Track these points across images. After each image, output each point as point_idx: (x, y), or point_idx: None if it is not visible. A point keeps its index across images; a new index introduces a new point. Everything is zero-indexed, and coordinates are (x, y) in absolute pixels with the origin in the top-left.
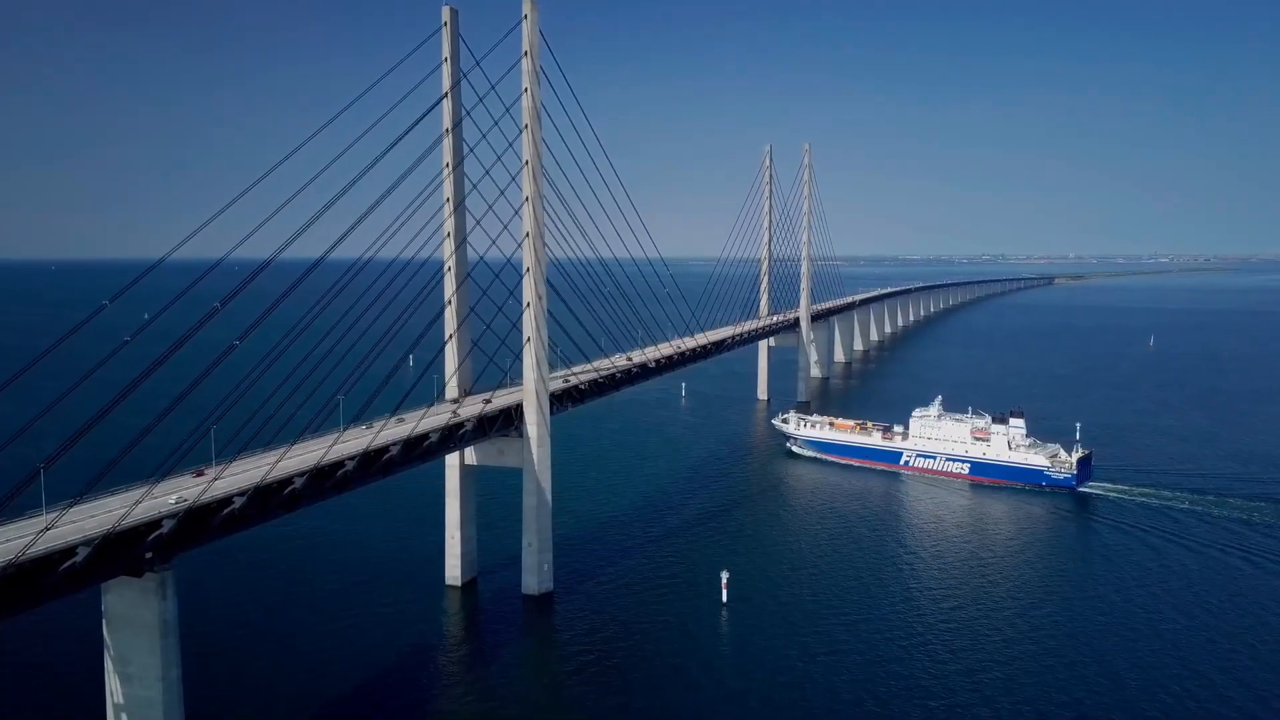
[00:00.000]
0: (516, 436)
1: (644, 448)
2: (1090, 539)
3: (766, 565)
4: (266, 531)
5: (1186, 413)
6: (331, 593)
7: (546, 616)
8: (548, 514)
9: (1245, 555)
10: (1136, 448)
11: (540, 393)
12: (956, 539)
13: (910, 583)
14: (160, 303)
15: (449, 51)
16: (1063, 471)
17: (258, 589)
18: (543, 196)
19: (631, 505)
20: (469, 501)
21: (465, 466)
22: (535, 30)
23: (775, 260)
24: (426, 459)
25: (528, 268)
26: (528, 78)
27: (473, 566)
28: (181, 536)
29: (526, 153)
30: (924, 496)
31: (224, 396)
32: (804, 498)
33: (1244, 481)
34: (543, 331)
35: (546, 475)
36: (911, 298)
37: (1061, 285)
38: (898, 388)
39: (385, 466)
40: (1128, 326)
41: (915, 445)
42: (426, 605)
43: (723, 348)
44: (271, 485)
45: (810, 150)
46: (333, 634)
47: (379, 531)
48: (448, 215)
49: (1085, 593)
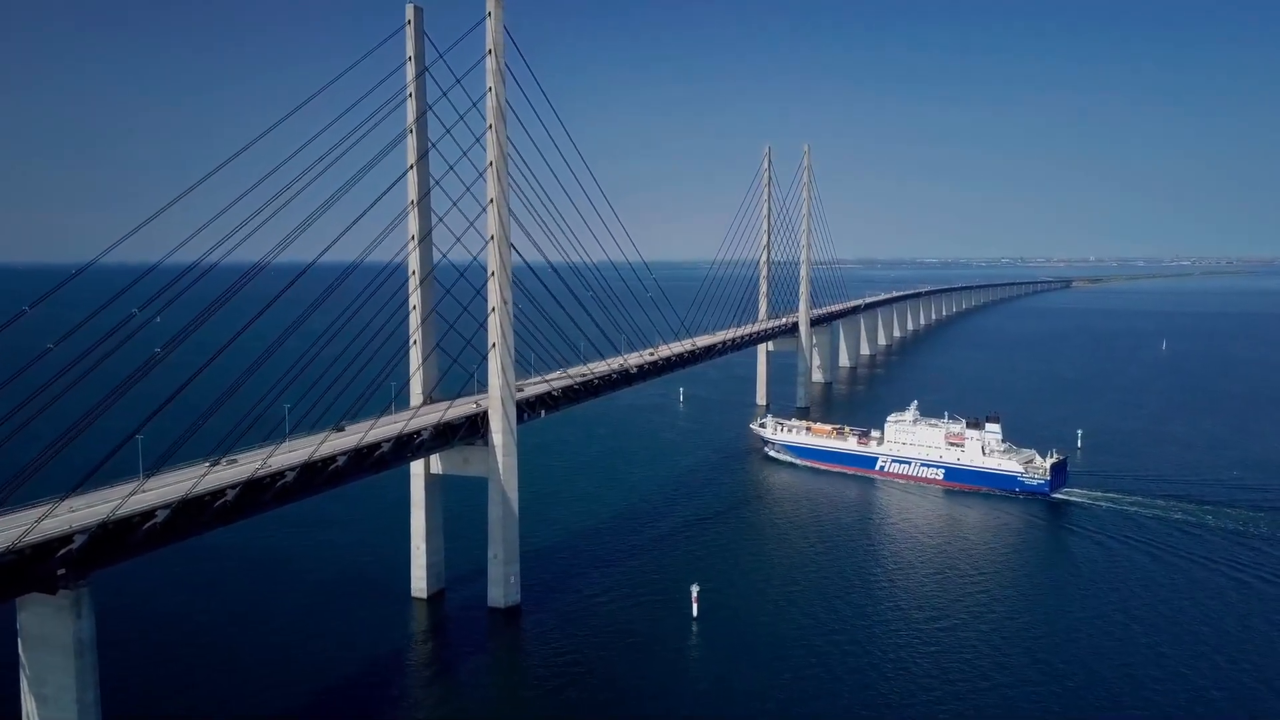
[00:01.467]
0: (482, 445)
1: (631, 454)
2: (1058, 547)
3: (738, 577)
4: (222, 541)
5: (1191, 418)
6: (291, 605)
7: (512, 630)
8: (514, 525)
9: (1207, 562)
10: (1129, 454)
11: (506, 400)
12: (928, 549)
13: (880, 596)
14: (92, 307)
15: (413, 51)
16: (1036, 478)
17: (211, 601)
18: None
19: (608, 514)
20: (435, 511)
21: (431, 476)
22: (500, 28)
23: (776, 263)
24: (380, 469)
25: (492, 271)
26: (492, 77)
27: (440, 578)
28: (97, 552)
29: (491, 153)
30: (897, 503)
31: (160, 403)
32: (779, 505)
33: (1239, 490)
34: (508, 337)
35: (513, 485)
36: (921, 301)
37: (1079, 288)
38: (900, 393)
39: (332, 477)
40: (1141, 330)
41: (890, 450)
42: (390, 618)
43: (713, 353)
44: (202, 498)
45: (810, 151)
46: (290, 649)
47: (344, 541)
48: (411, 217)
49: (1049, 605)
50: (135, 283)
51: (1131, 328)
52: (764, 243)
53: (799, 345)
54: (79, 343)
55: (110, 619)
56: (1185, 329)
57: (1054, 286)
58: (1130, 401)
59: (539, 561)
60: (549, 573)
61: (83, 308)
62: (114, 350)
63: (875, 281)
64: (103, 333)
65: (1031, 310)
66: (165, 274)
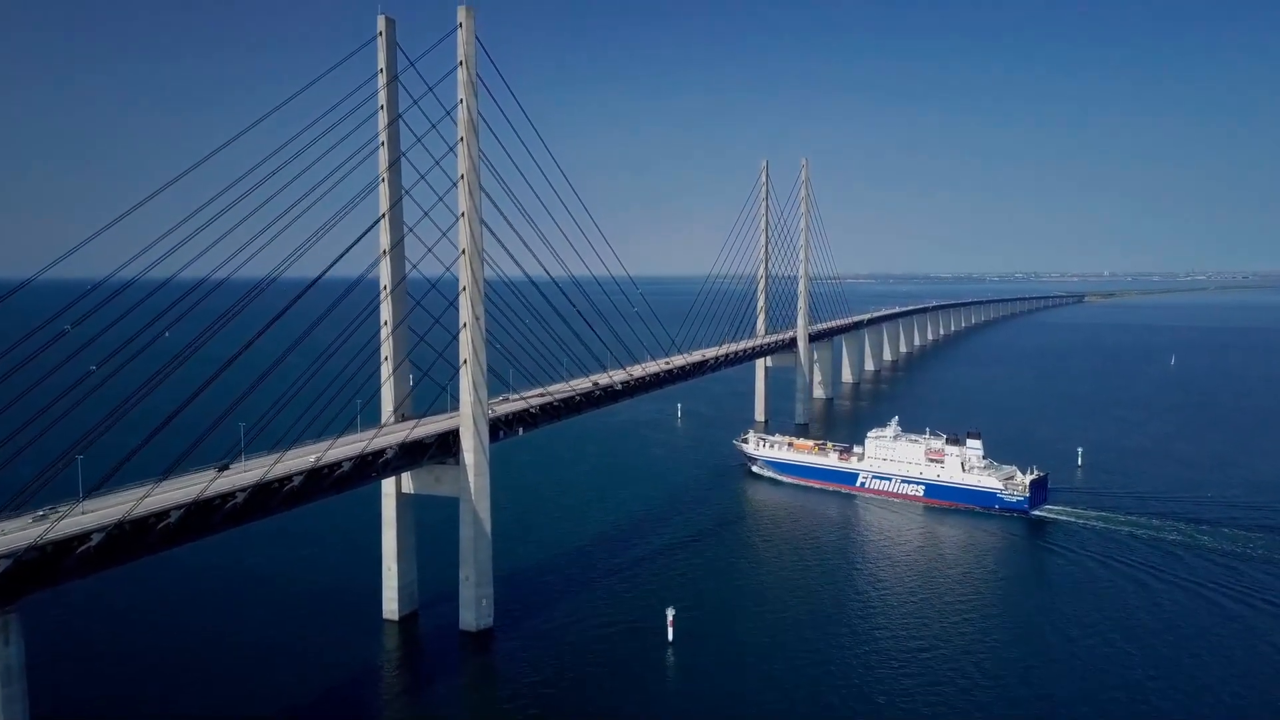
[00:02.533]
0: (454, 464)
1: (620, 471)
2: (1034, 568)
3: (715, 600)
4: (190, 558)
5: (1197, 436)
6: (259, 626)
7: (484, 654)
8: (487, 546)
9: (1190, 584)
10: (1130, 472)
11: (478, 417)
12: (904, 569)
13: (856, 619)
14: (34, 322)
15: (385, 62)
16: (1015, 495)
17: (176, 621)
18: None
19: (591, 533)
20: (407, 531)
21: (402, 495)
22: (471, 39)
23: (775, 279)
24: (341, 489)
25: (464, 286)
26: (463, 88)
27: (412, 600)
28: (24, 578)
29: (463, 166)
30: (877, 522)
31: (99, 421)
32: (759, 524)
33: (1240, 509)
34: (481, 353)
35: (485, 505)
36: (929, 316)
37: (1092, 303)
38: (902, 409)
39: (289, 498)
40: (1152, 345)
41: (871, 466)
42: (359, 640)
43: (705, 368)
44: (145, 520)
45: (808, 165)
46: (257, 671)
47: (317, 560)
48: (382, 229)
49: (1019, 630)
50: (82, 298)
51: (1141, 343)
52: (762, 257)
53: (797, 361)
54: (13, 359)
55: (69, 640)
56: (1195, 344)
57: (1066, 301)
58: (1135, 418)
59: (516, 583)
60: (526, 594)
61: (22, 323)
62: (59, 366)
63: (887, 296)
64: (56, 348)
65: (1042, 325)
66: (112, 289)
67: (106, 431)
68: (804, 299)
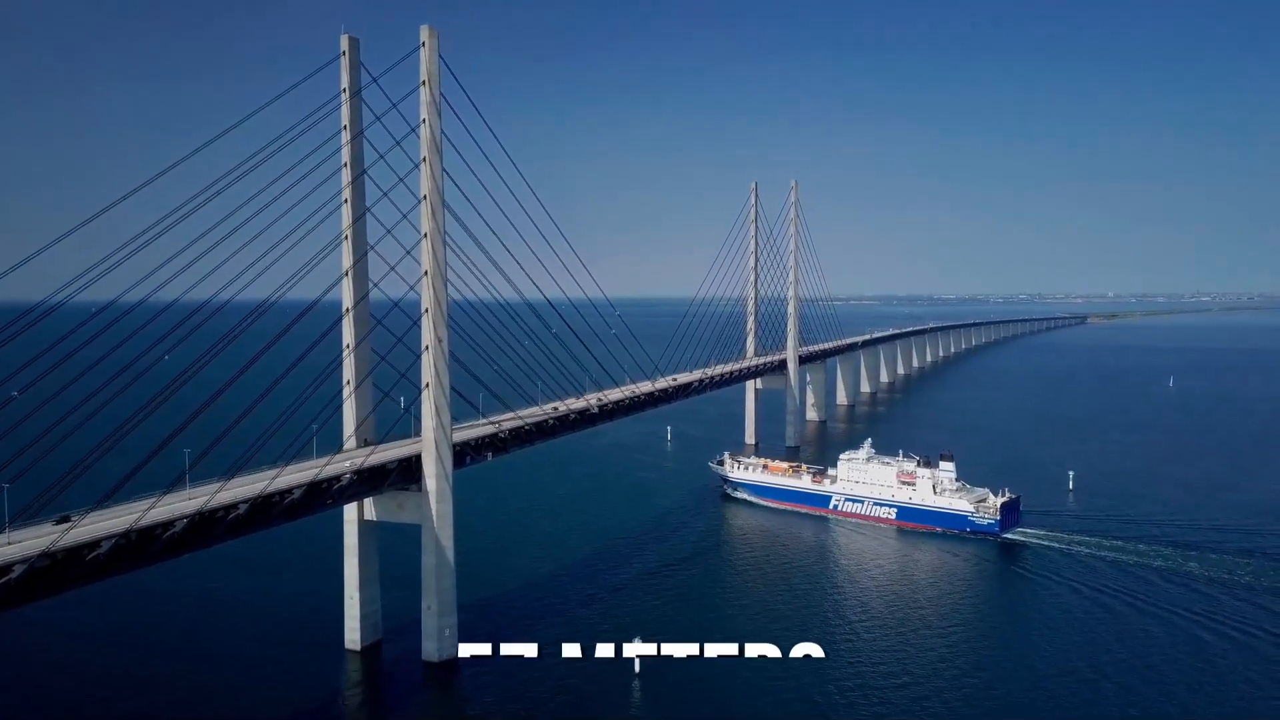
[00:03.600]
0: (416, 490)
1: (602, 495)
2: (1003, 593)
3: (682, 631)
4: (147, 584)
5: (1192, 458)
6: (218, 656)
7: (446, 686)
8: (450, 574)
9: (1160, 609)
10: (1120, 496)
11: (440, 443)
12: (874, 595)
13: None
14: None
15: (348, 82)
16: (986, 517)
17: (132, 651)
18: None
19: (566, 560)
20: (370, 559)
21: (365, 522)
22: (434, 58)
23: (765, 300)
24: (292, 517)
25: (426, 308)
26: (426, 108)
27: (376, 629)
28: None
29: (425, 187)
30: (848, 545)
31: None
32: (730, 550)
33: (1231, 534)
34: (444, 377)
35: (448, 533)
36: (927, 338)
37: (1094, 324)
38: (895, 431)
39: (232, 527)
40: (1151, 366)
41: (843, 489)
42: (320, 671)
43: (690, 391)
44: (77, 549)
45: (797, 187)
46: (215, 703)
47: (280, 587)
48: (345, 251)
49: (984, 656)
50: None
51: (1141, 364)
52: (750, 279)
53: (787, 383)
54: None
55: (19, 668)
56: (1195, 365)
57: (1068, 323)
58: (1131, 441)
59: (484, 611)
60: (493, 624)
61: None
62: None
63: (890, 318)
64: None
65: (1043, 347)
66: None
67: (37, 459)
68: (794, 320)
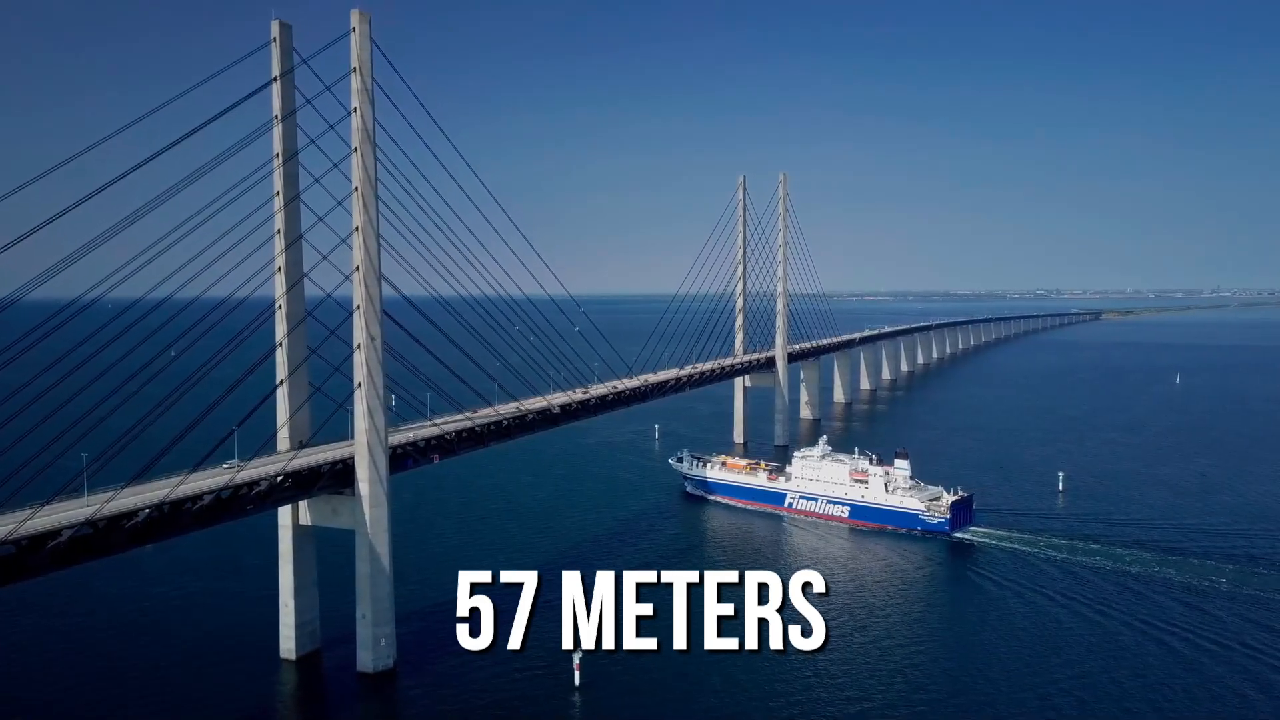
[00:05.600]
0: (351, 494)
1: (577, 496)
2: (949, 597)
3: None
4: (69, 588)
5: (1188, 459)
6: (146, 664)
7: (381, 698)
8: (386, 582)
9: (1086, 610)
10: (1109, 498)
11: (374, 445)
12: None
13: (768, 657)
14: None
15: (279, 70)
16: (936, 516)
17: (53, 657)
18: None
19: (513, 566)
20: (306, 565)
21: (300, 527)
22: (367, 44)
23: (757, 296)
24: (204, 524)
25: (358, 304)
26: (357, 97)
27: (313, 638)
28: None
29: (357, 179)
30: (801, 545)
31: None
32: (683, 551)
33: (1218, 538)
34: (377, 376)
35: (383, 538)
36: (934, 334)
37: (1108, 320)
38: (890, 429)
39: (134, 536)
40: (1160, 364)
41: (798, 487)
42: (253, 682)
43: (665, 390)
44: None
45: (786, 180)
46: (141, 714)
47: (216, 592)
48: (278, 246)
49: (919, 667)
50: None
51: (1150, 362)
52: (739, 275)
53: (776, 381)
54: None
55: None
56: (1205, 363)
57: (1082, 319)
58: (1127, 440)
59: (427, 620)
60: (434, 633)
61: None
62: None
63: (901, 314)
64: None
65: (1054, 344)
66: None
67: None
68: (782, 317)
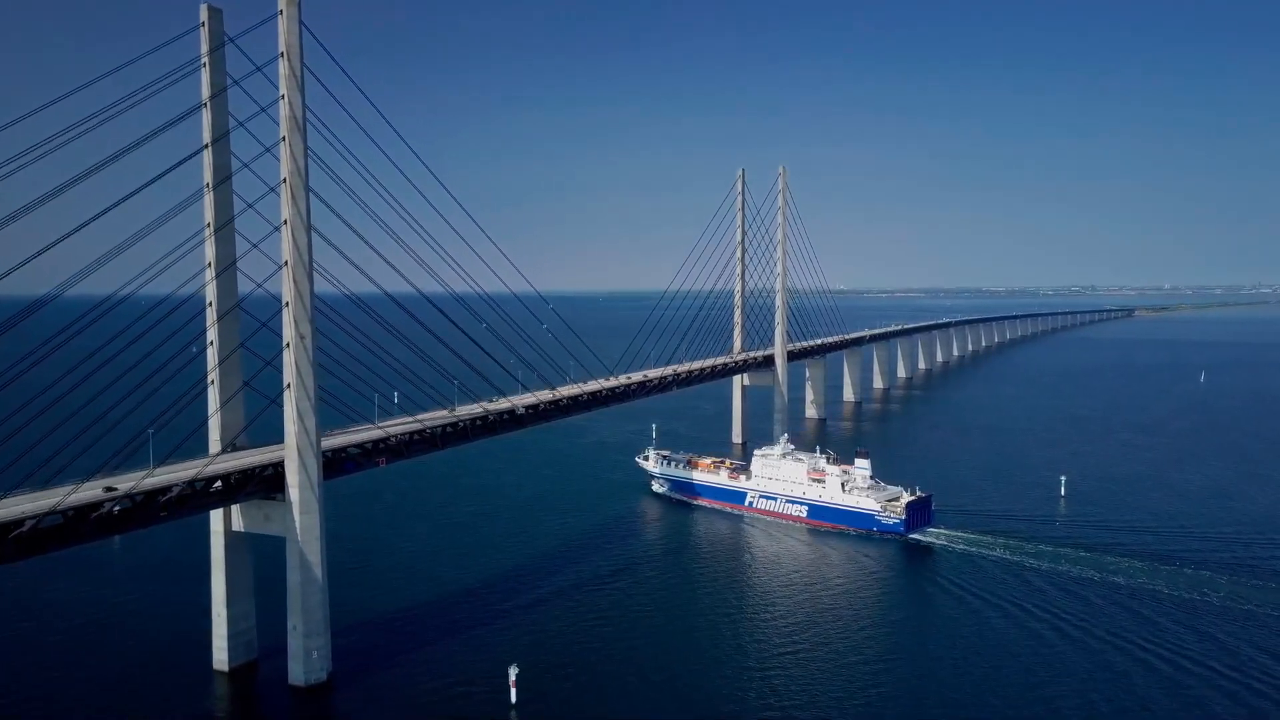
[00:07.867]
0: (283, 500)
1: (556, 498)
2: (899, 596)
3: (569, 653)
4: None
5: (1201, 463)
6: (67, 677)
7: (311, 712)
8: (318, 592)
9: (1035, 617)
10: (1111, 504)
11: (304, 449)
12: (777, 604)
13: (719, 669)
14: None
15: (208, 56)
16: (891, 517)
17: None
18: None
19: (483, 574)
20: (240, 573)
21: (233, 533)
22: (295, 27)
23: (757, 293)
24: (107, 533)
25: (287, 301)
26: (284, 82)
27: (248, 649)
28: None
29: (285, 169)
30: (759, 546)
31: None
32: (640, 556)
33: (1218, 547)
34: (307, 376)
35: (315, 546)
36: (953, 331)
37: (1141, 318)
38: (896, 430)
39: (27, 545)
40: (1187, 362)
41: (758, 486)
42: (182, 693)
43: (648, 389)
44: None
45: (785, 173)
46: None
47: (147, 598)
48: (208, 241)
49: (855, 677)
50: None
51: (1176, 360)
52: (738, 271)
53: (775, 379)
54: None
55: None
56: (1233, 360)
57: (1114, 316)
58: (1140, 443)
59: (365, 632)
60: (371, 645)
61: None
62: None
63: (929, 311)
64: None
65: (1082, 341)
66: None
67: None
68: (782, 314)
